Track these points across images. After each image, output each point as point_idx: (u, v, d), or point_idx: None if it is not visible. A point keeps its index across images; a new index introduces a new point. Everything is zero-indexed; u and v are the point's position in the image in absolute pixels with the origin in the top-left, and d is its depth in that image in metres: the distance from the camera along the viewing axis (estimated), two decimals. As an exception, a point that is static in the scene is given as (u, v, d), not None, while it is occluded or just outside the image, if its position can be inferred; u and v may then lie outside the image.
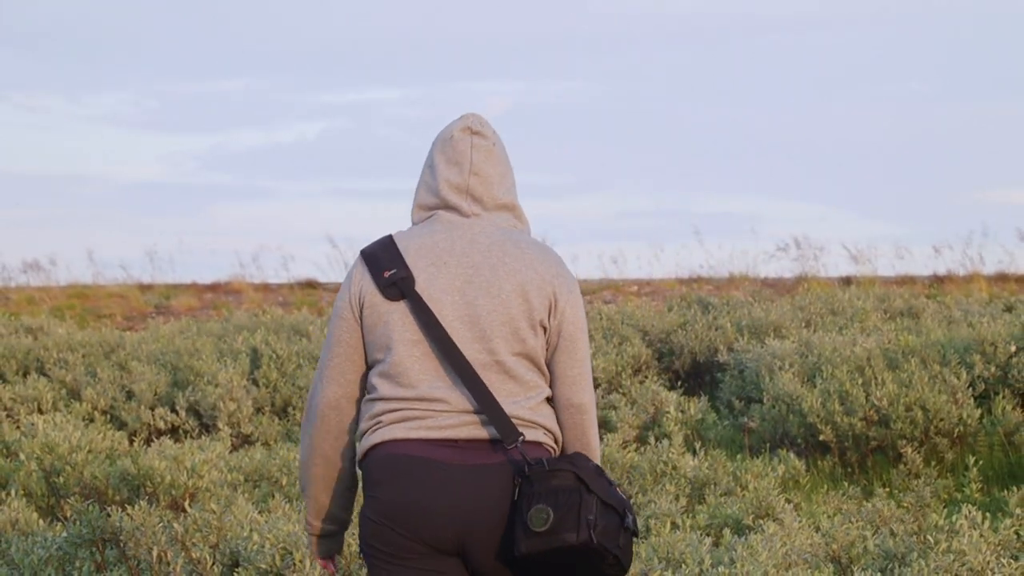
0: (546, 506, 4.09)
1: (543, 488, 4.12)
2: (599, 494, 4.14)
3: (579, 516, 4.10)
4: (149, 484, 8.85)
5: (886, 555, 6.93)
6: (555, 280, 4.30)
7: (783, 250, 25.93)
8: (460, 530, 4.17)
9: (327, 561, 4.53)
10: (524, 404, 4.25)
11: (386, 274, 4.26)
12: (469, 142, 4.40)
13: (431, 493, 4.17)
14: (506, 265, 4.28)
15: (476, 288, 4.26)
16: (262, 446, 12.06)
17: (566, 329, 4.30)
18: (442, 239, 4.31)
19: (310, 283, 26.88)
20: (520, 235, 4.37)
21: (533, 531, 4.08)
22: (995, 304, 18.33)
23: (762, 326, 15.79)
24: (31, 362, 15.62)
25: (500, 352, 4.24)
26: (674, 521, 8.05)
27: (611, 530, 4.13)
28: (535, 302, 4.26)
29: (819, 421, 11.25)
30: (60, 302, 24.78)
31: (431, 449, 4.20)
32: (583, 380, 4.32)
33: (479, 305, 4.25)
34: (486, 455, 4.20)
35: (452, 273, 4.27)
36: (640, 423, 12.03)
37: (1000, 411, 11.49)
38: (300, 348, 14.93)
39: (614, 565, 4.17)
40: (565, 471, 4.14)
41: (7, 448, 11.12)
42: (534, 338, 4.26)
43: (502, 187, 4.40)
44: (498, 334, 4.24)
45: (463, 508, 4.17)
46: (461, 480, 4.17)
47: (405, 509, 4.18)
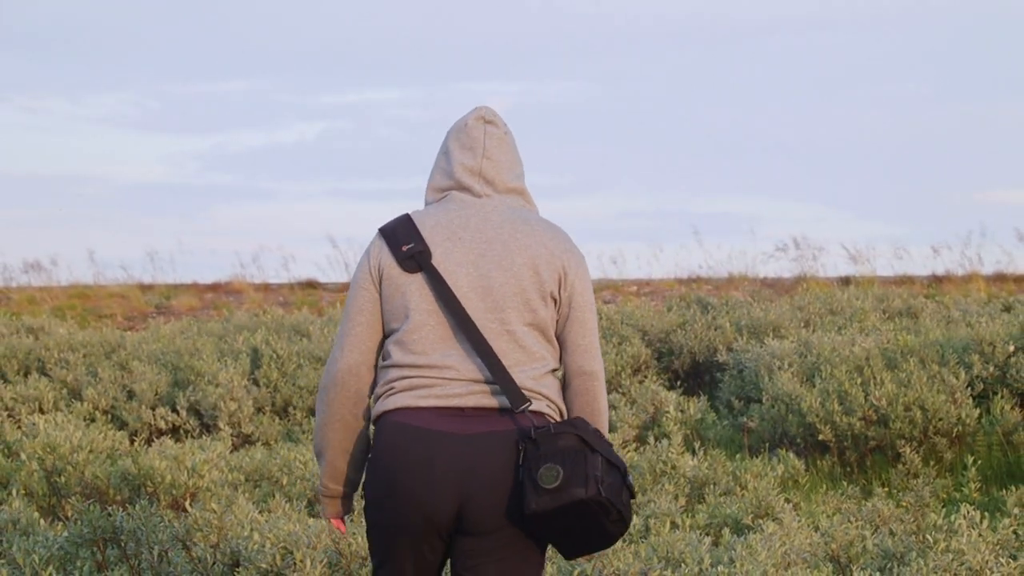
0: (555, 465, 4.27)
1: (550, 449, 4.30)
2: (603, 453, 4.35)
3: (586, 473, 4.29)
4: (150, 484, 8.86)
5: (885, 555, 6.94)
6: (564, 255, 4.51)
7: (782, 250, 25.96)
8: (458, 498, 4.35)
9: (339, 521, 4.70)
10: (529, 374, 4.44)
11: (404, 248, 4.47)
12: (483, 130, 4.64)
13: (434, 464, 4.35)
14: (517, 240, 4.49)
15: (489, 261, 4.47)
16: (263, 446, 12.08)
17: (576, 300, 4.51)
18: (456, 216, 4.53)
19: (310, 283, 26.90)
20: (530, 214, 4.59)
21: (544, 488, 4.26)
22: (993, 304, 18.34)
23: (761, 326, 15.81)
24: (32, 362, 15.64)
25: (512, 322, 4.44)
26: (673, 521, 8.06)
27: (616, 486, 4.34)
28: (545, 275, 4.47)
29: (818, 421, 11.26)
30: (61, 302, 24.80)
31: (437, 419, 4.39)
32: (593, 348, 4.53)
33: (492, 277, 4.46)
34: (489, 423, 4.38)
35: (466, 247, 4.48)
36: (640, 423, 12.04)
37: (999, 411, 11.50)
38: (301, 348, 14.95)
39: (617, 521, 4.36)
40: (569, 434, 4.34)
41: (8, 448, 11.13)
42: (544, 309, 4.47)
43: (512, 172, 4.62)
44: (510, 304, 4.45)
45: (462, 476, 4.34)
46: (461, 449, 4.35)
47: (407, 480, 4.36)
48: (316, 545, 6.75)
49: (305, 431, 12.96)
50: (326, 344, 15.20)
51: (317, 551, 6.70)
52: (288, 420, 13.72)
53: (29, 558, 6.80)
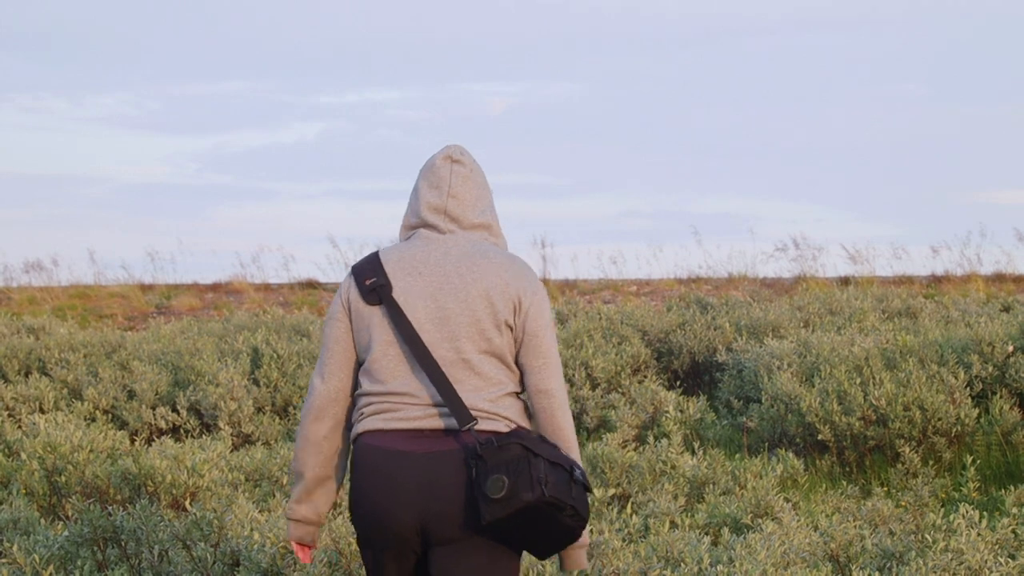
0: (501, 475, 4.54)
1: (496, 461, 4.57)
2: (544, 456, 4.60)
3: (531, 477, 4.55)
4: (150, 483, 8.87)
5: (884, 554, 6.95)
6: (519, 284, 4.78)
7: (781, 250, 25.97)
8: (420, 512, 4.63)
9: (300, 547, 4.93)
10: (485, 396, 4.71)
11: (367, 282, 4.77)
12: (449, 169, 4.89)
13: (394, 481, 4.65)
14: (473, 273, 4.77)
15: (446, 294, 4.75)
16: (263, 445, 12.08)
17: (530, 327, 4.77)
18: (419, 252, 4.82)
19: (311, 283, 26.91)
20: (490, 247, 4.85)
21: (493, 498, 4.52)
22: (993, 304, 18.36)
23: (761, 326, 15.82)
24: (33, 362, 15.65)
25: (466, 351, 4.72)
26: (673, 520, 8.07)
27: (562, 484, 4.59)
28: (499, 305, 4.74)
29: (817, 421, 11.27)
30: (62, 302, 24.81)
31: (400, 441, 4.69)
32: (547, 369, 4.78)
33: (448, 308, 4.74)
34: (445, 443, 4.66)
35: (426, 281, 4.77)
36: (639, 423, 12.05)
37: (998, 411, 11.51)
38: (301, 348, 14.95)
39: (573, 516, 4.61)
40: (512, 444, 4.61)
41: (9, 447, 11.14)
42: (499, 337, 4.75)
43: (476, 208, 4.89)
44: (464, 334, 4.73)
45: (422, 491, 4.63)
46: (419, 467, 4.65)
47: (374, 496, 4.67)
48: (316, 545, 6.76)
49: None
50: (326, 344, 15.20)
51: (317, 550, 6.71)
52: (288, 420, 13.72)
53: (30, 557, 6.81)
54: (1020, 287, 23.69)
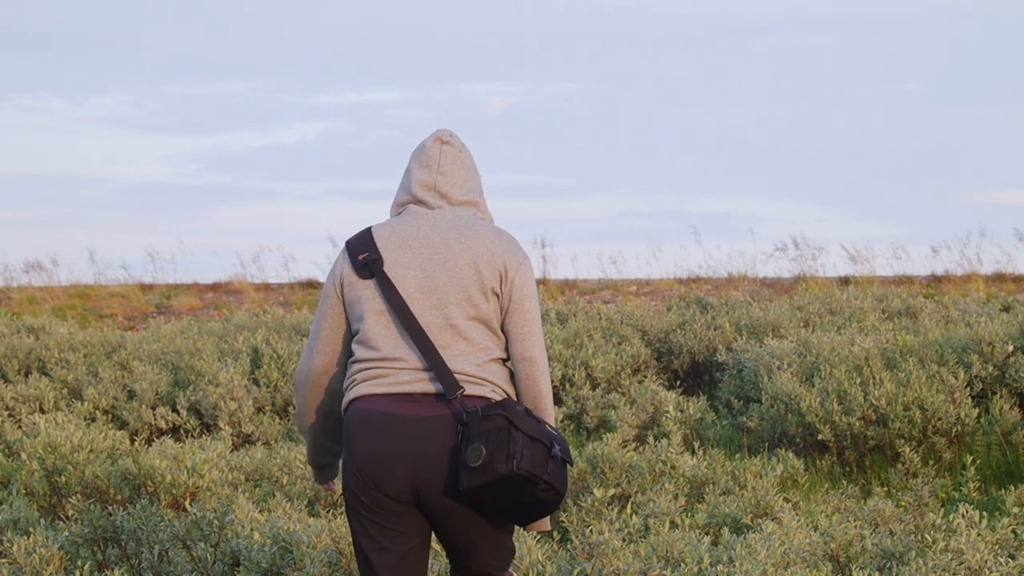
0: (480, 444, 4.76)
1: (478, 430, 4.78)
2: (525, 430, 4.80)
3: (508, 450, 4.75)
4: (150, 483, 8.88)
5: (884, 554, 6.95)
6: (505, 255, 5.00)
7: (781, 250, 25.98)
8: (413, 475, 4.85)
9: (327, 484, 5.36)
10: (472, 361, 4.93)
11: (359, 257, 5.01)
12: (439, 149, 5.14)
13: (389, 442, 4.87)
14: (460, 243, 5.00)
15: (435, 264, 4.98)
16: (263, 445, 12.08)
17: (515, 295, 4.99)
18: (410, 226, 5.06)
19: (311, 283, 26.92)
20: (477, 221, 5.09)
21: (471, 467, 4.74)
22: (993, 304, 18.36)
23: (760, 326, 15.82)
24: (33, 362, 15.65)
25: (455, 316, 4.95)
26: (673, 520, 8.08)
27: (538, 459, 4.79)
28: (486, 273, 4.97)
29: (817, 420, 11.27)
30: (62, 302, 24.81)
31: (391, 403, 4.91)
32: (532, 337, 5.00)
33: (437, 277, 4.97)
34: (435, 407, 4.89)
35: (415, 253, 5.01)
36: (639, 422, 12.06)
37: (998, 410, 11.51)
38: (301, 348, 14.95)
39: (548, 490, 4.81)
40: (496, 415, 4.81)
41: (9, 447, 11.14)
42: (486, 304, 4.97)
43: (465, 187, 5.13)
44: (453, 301, 4.95)
45: (414, 454, 4.85)
46: (413, 430, 4.87)
47: (369, 456, 4.88)
48: (316, 544, 6.77)
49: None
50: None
51: (317, 550, 6.72)
52: (288, 420, 13.72)
53: (30, 557, 6.81)
54: (1020, 287, 23.69)
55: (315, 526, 6.96)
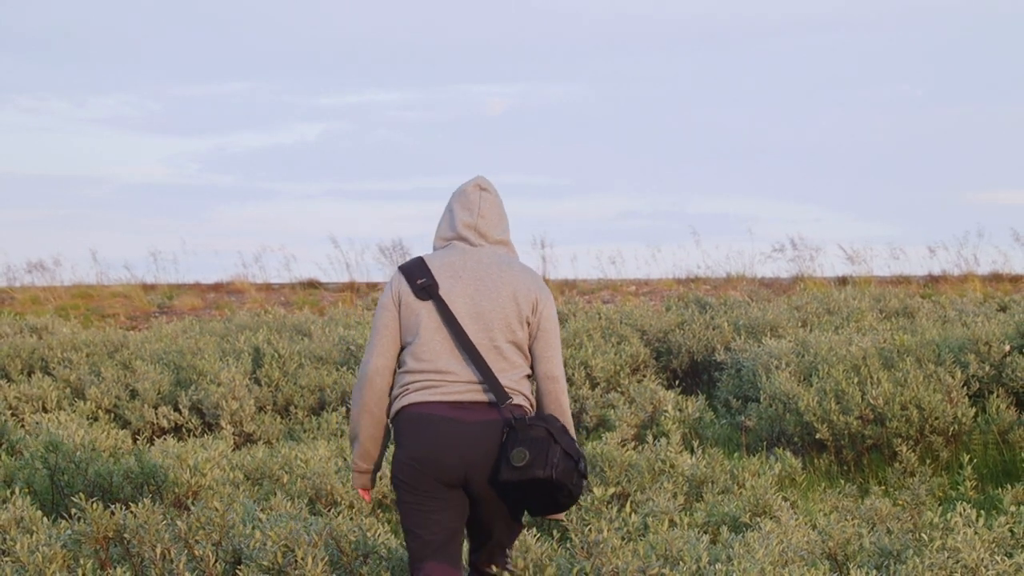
0: (524, 449, 5.69)
1: (523, 437, 5.71)
2: (563, 445, 5.74)
3: (547, 459, 5.68)
4: (152, 482, 8.92)
5: (882, 552, 6.98)
6: (537, 291, 5.99)
7: (779, 251, 26.00)
8: (465, 468, 5.75)
9: (366, 491, 6.13)
10: (511, 377, 5.88)
11: (419, 282, 5.91)
12: (479, 195, 6.08)
13: (444, 442, 5.76)
14: (503, 279, 5.96)
15: (481, 295, 5.91)
16: (264, 444, 12.12)
17: (543, 324, 6.00)
18: (458, 260, 5.98)
19: (312, 283, 26.94)
20: (513, 259, 6.07)
21: (513, 465, 5.68)
22: (989, 304, 18.40)
23: (759, 326, 15.85)
24: (36, 361, 15.68)
25: (497, 340, 5.89)
26: (672, 519, 8.11)
27: (568, 471, 5.74)
28: (522, 305, 5.94)
29: (815, 420, 11.31)
30: (64, 302, 24.84)
31: (444, 409, 5.80)
32: (555, 359, 6.01)
33: (483, 306, 5.89)
34: (483, 414, 5.80)
35: (464, 283, 5.93)
36: (638, 422, 12.09)
37: (994, 410, 11.55)
38: (302, 348, 15.00)
39: (567, 496, 5.77)
40: (539, 426, 5.74)
41: (12, 446, 11.19)
42: (521, 331, 5.94)
43: (499, 228, 6.09)
44: (496, 327, 5.89)
45: (467, 452, 5.75)
46: (465, 432, 5.77)
47: (426, 455, 5.77)
48: (317, 543, 6.81)
49: (307, 430, 13.01)
50: (327, 344, 15.26)
51: (318, 549, 6.75)
52: (289, 419, 13.76)
53: (33, 556, 6.84)
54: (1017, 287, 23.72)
55: (316, 525, 6.99)
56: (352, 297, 24.84)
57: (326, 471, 9.53)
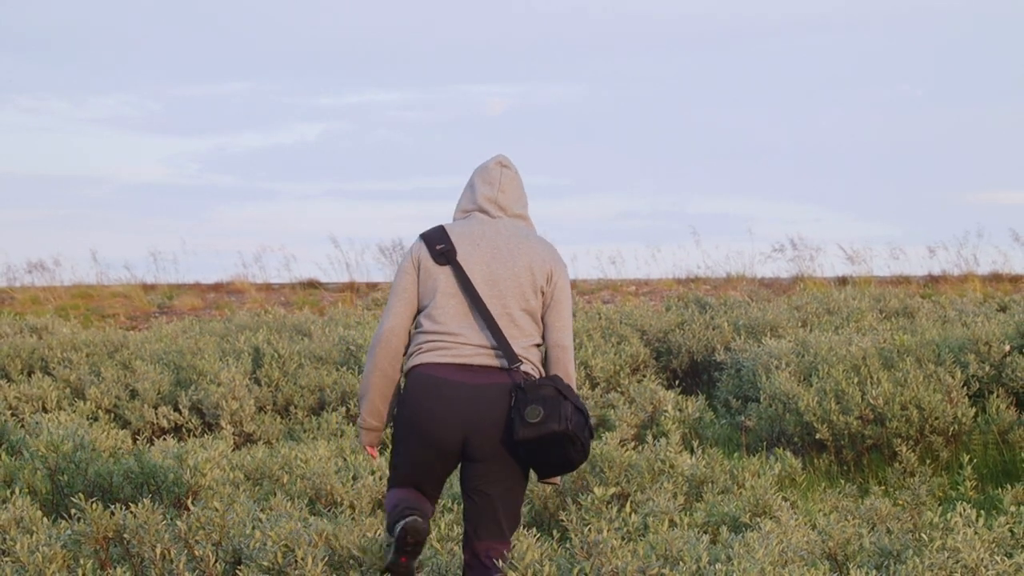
0: (538, 406, 5.93)
1: (535, 396, 5.95)
2: (572, 401, 6.00)
3: (560, 413, 5.93)
4: (152, 482, 8.91)
5: (882, 552, 6.98)
6: (551, 262, 6.20)
7: (779, 251, 26.01)
8: (464, 429, 5.99)
9: (372, 448, 6.34)
10: (521, 344, 6.11)
11: (438, 247, 6.14)
12: (500, 171, 6.35)
13: (448, 403, 6.01)
14: (519, 249, 6.18)
15: (498, 263, 6.15)
16: (264, 445, 12.12)
17: (557, 295, 6.19)
18: (477, 229, 6.22)
19: (312, 283, 26.94)
20: (530, 232, 6.30)
21: (528, 422, 5.92)
22: (989, 304, 18.41)
23: (759, 326, 15.85)
24: (36, 361, 15.68)
25: (511, 307, 6.11)
26: (672, 519, 8.11)
27: (580, 424, 6.01)
28: (537, 275, 6.15)
29: (815, 420, 11.31)
30: (64, 302, 24.84)
31: (452, 372, 6.04)
32: (565, 329, 6.20)
33: (499, 274, 6.13)
34: (489, 377, 6.04)
35: (482, 251, 6.16)
36: (638, 422, 12.09)
37: (994, 410, 11.55)
38: (302, 348, 14.99)
39: (580, 451, 6.02)
40: (549, 385, 6.00)
41: (12, 446, 11.18)
42: (535, 299, 6.15)
43: (519, 203, 6.34)
44: (510, 294, 6.12)
45: (468, 414, 6.00)
46: (469, 395, 6.02)
47: (428, 414, 6.02)
48: (317, 543, 6.81)
49: (307, 430, 13.01)
50: (327, 344, 15.25)
51: (318, 549, 6.76)
52: (290, 419, 13.76)
53: (33, 556, 6.84)
54: (1016, 287, 23.71)
55: (316, 525, 7.00)
56: (352, 297, 24.84)
57: (326, 471, 9.53)
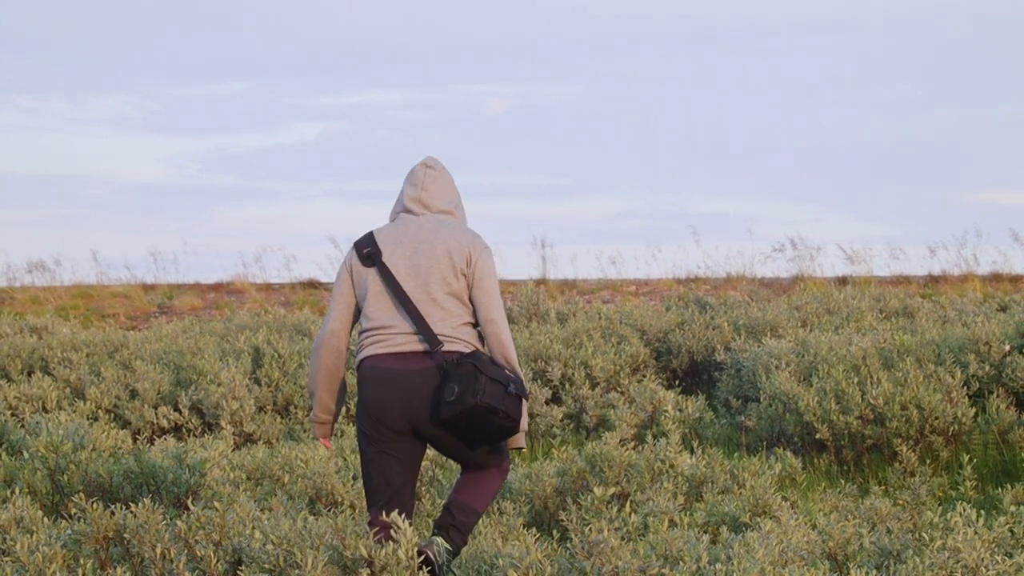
0: (454, 384, 6.42)
1: (453, 375, 6.46)
2: (487, 374, 6.43)
3: (474, 388, 6.39)
4: (152, 482, 8.92)
5: (882, 552, 6.98)
6: (470, 246, 6.70)
7: (779, 251, 26.00)
8: (408, 413, 6.53)
9: (326, 440, 6.89)
10: (449, 324, 6.62)
11: (364, 251, 6.72)
12: (423, 172, 6.87)
13: (388, 391, 6.57)
14: (437, 238, 6.71)
15: (419, 254, 6.68)
16: (264, 444, 12.12)
17: (478, 274, 6.67)
18: (401, 228, 6.78)
19: (312, 283, 26.94)
20: (452, 222, 6.81)
21: (447, 401, 6.42)
22: (989, 304, 18.41)
23: (759, 326, 15.85)
24: (36, 361, 15.68)
25: (435, 292, 6.63)
26: (672, 519, 8.11)
27: (497, 394, 6.42)
28: (456, 259, 6.67)
29: (815, 420, 11.31)
30: (64, 302, 24.84)
31: (390, 361, 6.59)
32: (492, 304, 6.65)
33: (420, 265, 6.67)
34: (419, 362, 6.57)
35: (404, 247, 6.71)
36: (638, 422, 12.10)
37: (994, 410, 11.54)
38: (302, 348, 14.99)
39: (506, 418, 6.45)
40: (467, 363, 6.48)
41: (12, 446, 11.18)
42: (457, 282, 6.66)
43: (443, 200, 6.85)
44: (433, 281, 6.64)
45: (408, 398, 6.54)
46: (406, 380, 6.56)
47: (375, 403, 6.56)
48: (318, 544, 6.80)
49: (307, 430, 13.01)
50: (327, 344, 15.25)
51: (319, 549, 6.75)
52: (290, 419, 13.76)
53: (33, 556, 6.83)
54: (1016, 287, 23.72)
55: (317, 525, 6.99)
56: (352, 297, 24.81)
57: (326, 471, 9.53)
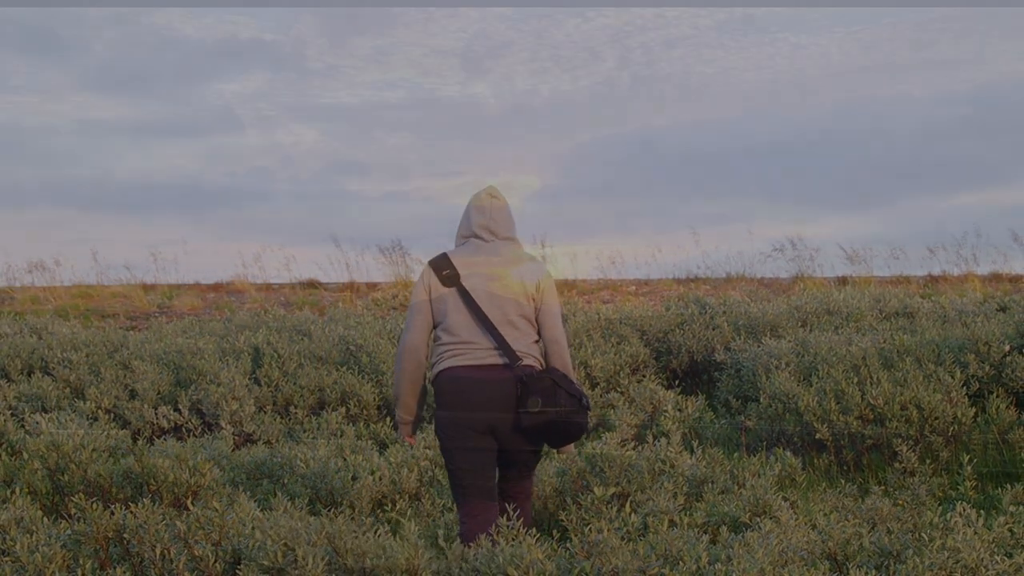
0: (537, 398, 7.28)
1: (534, 388, 7.31)
2: (565, 388, 7.31)
3: (555, 402, 7.27)
4: (152, 482, 8.92)
5: (881, 552, 6.99)
6: (540, 276, 7.58)
7: (779, 251, 25.98)
8: (489, 417, 7.34)
9: (411, 438, 7.75)
10: (522, 343, 7.47)
11: (444, 272, 7.52)
12: (490, 202, 7.69)
13: (473, 397, 7.36)
14: (511, 268, 7.54)
15: (495, 280, 7.49)
16: (264, 444, 12.13)
17: (546, 299, 7.55)
18: (474, 253, 7.59)
19: (312, 283, 26.93)
20: (520, 252, 7.66)
21: (530, 412, 7.28)
22: (989, 304, 18.39)
23: (759, 326, 15.85)
24: (36, 361, 15.67)
25: (510, 314, 7.45)
26: (672, 519, 8.12)
27: (573, 406, 7.30)
28: (528, 287, 7.52)
29: (815, 420, 11.31)
30: (64, 302, 24.83)
31: (471, 371, 7.39)
32: (556, 327, 7.55)
33: (497, 290, 7.46)
34: (500, 373, 7.38)
35: (481, 272, 7.52)
36: (638, 422, 12.10)
37: (994, 410, 11.54)
38: (302, 348, 14.99)
39: (577, 428, 7.34)
40: (545, 378, 7.34)
41: (12, 446, 11.19)
42: (528, 307, 7.52)
43: (506, 228, 7.69)
44: (508, 305, 7.46)
45: (490, 403, 7.34)
46: (488, 388, 7.36)
47: (459, 407, 7.35)
48: (317, 543, 6.81)
49: (307, 430, 13.01)
50: (327, 344, 15.26)
51: (318, 549, 6.76)
52: (289, 419, 13.76)
53: (32, 556, 6.84)
54: (1016, 287, 23.71)
55: (316, 525, 7.00)
56: (352, 297, 24.84)
57: (326, 471, 9.54)
